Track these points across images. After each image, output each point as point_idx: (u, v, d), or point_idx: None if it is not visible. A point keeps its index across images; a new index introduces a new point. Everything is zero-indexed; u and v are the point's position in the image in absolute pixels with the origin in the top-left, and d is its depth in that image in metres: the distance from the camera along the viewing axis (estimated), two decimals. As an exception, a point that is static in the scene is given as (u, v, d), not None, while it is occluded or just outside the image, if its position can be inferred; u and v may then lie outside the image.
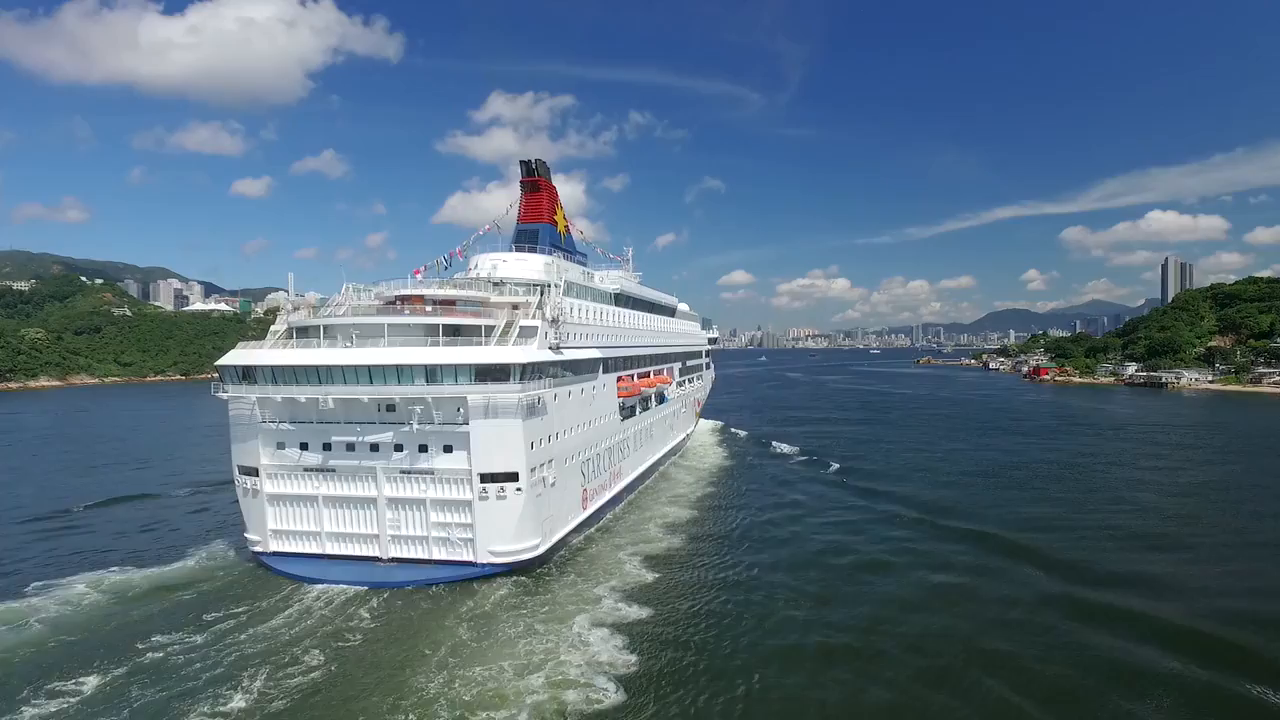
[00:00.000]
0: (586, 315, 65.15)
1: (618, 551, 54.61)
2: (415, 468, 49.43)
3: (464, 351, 48.36)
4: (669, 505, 69.61)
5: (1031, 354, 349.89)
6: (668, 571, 50.34)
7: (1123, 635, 40.14)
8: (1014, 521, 63.92)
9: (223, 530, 59.76)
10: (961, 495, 75.08)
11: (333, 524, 51.22)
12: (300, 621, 41.42)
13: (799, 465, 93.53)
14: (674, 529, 61.14)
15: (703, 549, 56.23)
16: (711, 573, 51.03)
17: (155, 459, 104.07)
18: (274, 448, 51.44)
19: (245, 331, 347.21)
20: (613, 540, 57.86)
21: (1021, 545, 56.87)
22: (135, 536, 60.27)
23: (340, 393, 48.31)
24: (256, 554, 51.95)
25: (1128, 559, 53.94)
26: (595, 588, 46.71)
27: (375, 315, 52.41)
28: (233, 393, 51.09)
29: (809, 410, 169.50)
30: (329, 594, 45.55)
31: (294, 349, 51.24)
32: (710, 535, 60.24)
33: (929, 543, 58.26)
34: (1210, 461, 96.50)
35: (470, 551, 49.03)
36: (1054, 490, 77.83)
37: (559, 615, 42.21)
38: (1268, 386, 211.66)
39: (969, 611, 43.99)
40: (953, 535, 60.25)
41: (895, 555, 55.02)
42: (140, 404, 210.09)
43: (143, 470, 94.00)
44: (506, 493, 48.47)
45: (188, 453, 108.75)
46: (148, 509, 70.56)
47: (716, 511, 68.37)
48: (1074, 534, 60.31)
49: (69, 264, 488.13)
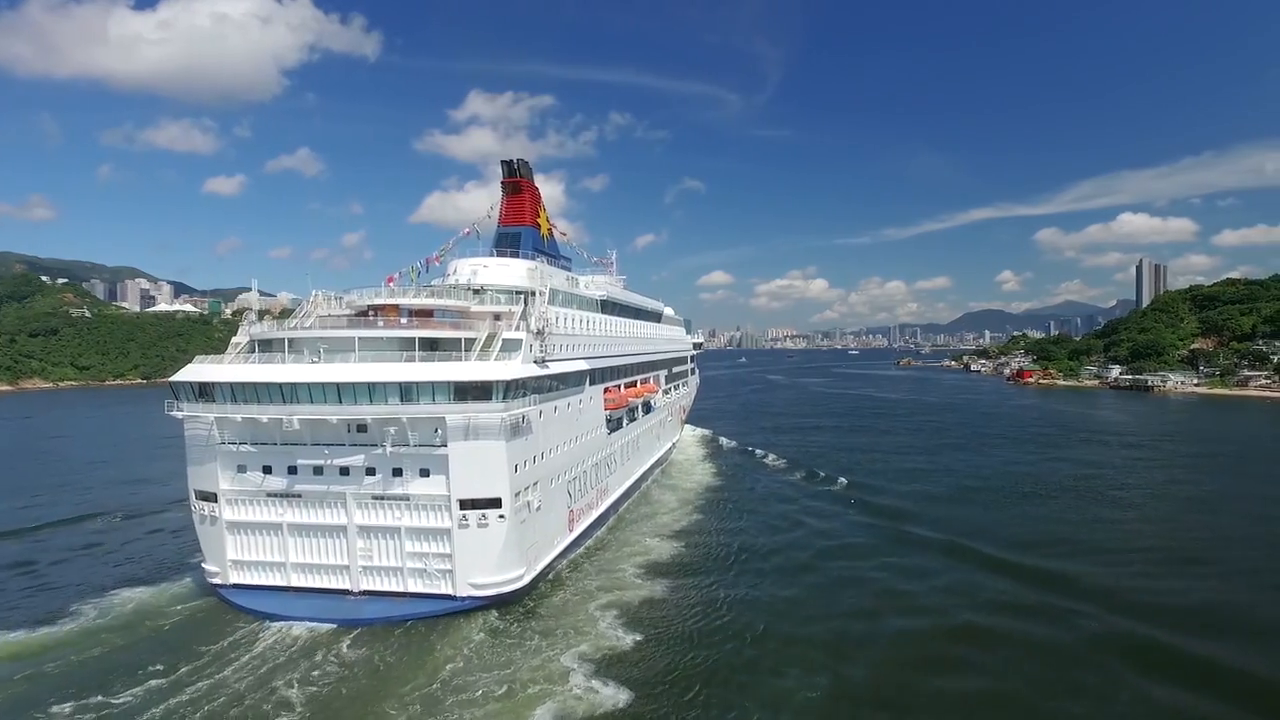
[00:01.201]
0: (572, 325, 61.62)
1: (607, 579, 51.24)
2: (389, 493, 45.66)
3: (442, 368, 44.70)
4: (658, 526, 66.07)
5: (1012, 356, 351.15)
6: (662, 601, 47.01)
7: (1194, 687, 36.18)
8: (1039, 545, 59.97)
9: (179, 558, 55.40)
10: (979, 515, 70.43)
11: (299, 554, 47.30)
12: (260, 666, 37.90)
13: (797, 481, 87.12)
14: (667, 552, 57.72)
15: (700, 576, 52.78)
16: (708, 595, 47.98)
17: (103, 474, 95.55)
18: (234, 471, 47.35)
19: (212, 333, 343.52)
20: (601, 565, 54.47)
21: (1055, 574, 52.68)
22: (77, 566, 55.41)
23: (306, 413, 44.37)
24: (215, 586, 47.86)
25: (1172, 587, 50.51)
26: (584, 621, 43.64)
27: (345, 328, 48.58)
28: (188, 411, 46.94)
29: (798, 417, 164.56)
30: (293, 634, 41.84)
31: (256, 364, 47.25)
32: (706, 559, 56.82)
33: (953, 573, 53.29)
34: (1225, 472, 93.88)
35: (449, 584, 45.43)
36: (1074, 508, 73.34)
37: (546, 654, 39.28)
38: (1254, 390, 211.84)
39: (1014, 663, 39.07)
40: (978, 563, 55.53)
41: (915, 587, 50.32)
42: (93, 410, 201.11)
43: (88, 488, 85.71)
44: (488, 520, 44.87)
45: (140, 467, 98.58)
46: (91, 533, 64.48)
47: (709, 534, 64.70)
48: (1107, 558, 56.48)
49: (33, 263, 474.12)
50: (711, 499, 78.04)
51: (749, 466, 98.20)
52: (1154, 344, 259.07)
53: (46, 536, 63.83)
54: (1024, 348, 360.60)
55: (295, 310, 55.85)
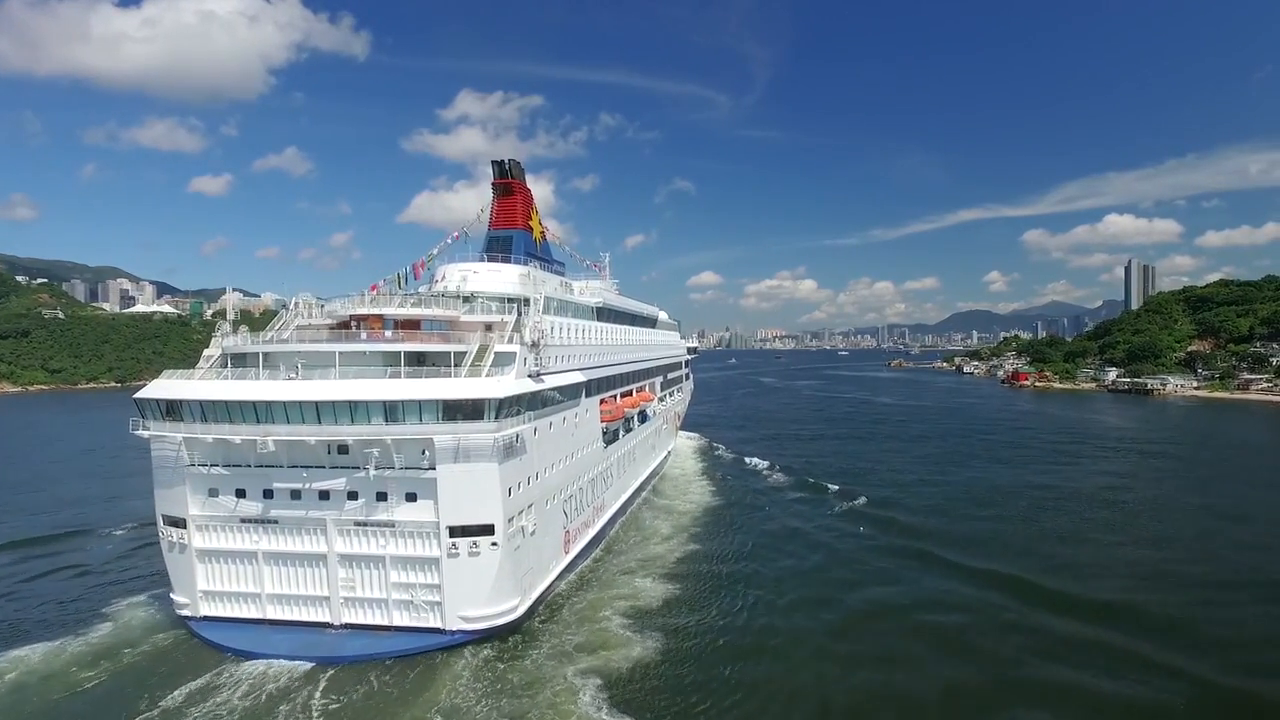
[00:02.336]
0: (568, 334, 58.43)
1: (605, 609, 47.82)
2: (372, 519, 42.36)
3: (429, 385, 41.42)
4: (660, 544, 62.95)
5: (1005, 357, 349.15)
6: (667, 628, 44.02)
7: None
8: (1097, 572, 54.95)
9: (144, 584, 51.42)
10: (1018, 539, 64.06)
11: (275, 584, 43.92)
12: (233, 713, 34.72)
13: (806, 500, 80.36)
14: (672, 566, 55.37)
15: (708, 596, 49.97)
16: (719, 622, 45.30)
17: (63, 489, 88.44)
18: (204, 495, 43.87)
19: (190, 335, 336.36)
20: (598, 593, 51.16)
21: (1123, 608, 47.63)
22: (31, 596, 51.34)
23: (283, 433, 40.98)
24: (184, 619, 44.38)
25: (1242, 619, 46.32)
26: (583, 654, 40.83)
27: (324, 341, 45.14)
28: (154, 431, 43.42)
29: (795, 424, 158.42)
30: (269, 674, 38.57)
31: (228, 380, 43.74)
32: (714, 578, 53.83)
33: (1007, 611, 47.51)
34: (1261, 485, 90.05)
35: (438, 617, 42.20)
36: (1116, 529, 67.55)
37: (545, 692, 36.48)
38: (1255, 394, 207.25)
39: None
40: (1036, 599, 49.44)
41: (968, 627, 45.19)
42: (59, 416, 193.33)
43: (43, 506, 79.28)
44: (480, 548, 41.66)
45: (105, 482, 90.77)
46: (50, 556, 59.85)
47: (714, 555, 61.57)
48: (1170, 586, 51.93)
49: (12, 263, 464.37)
50: (715, 511, 74.53)
51: (750, 482, 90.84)
52: (1150, 346, 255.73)
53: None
54: (1016, 349, 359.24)
55: (273, 320, 52.34)
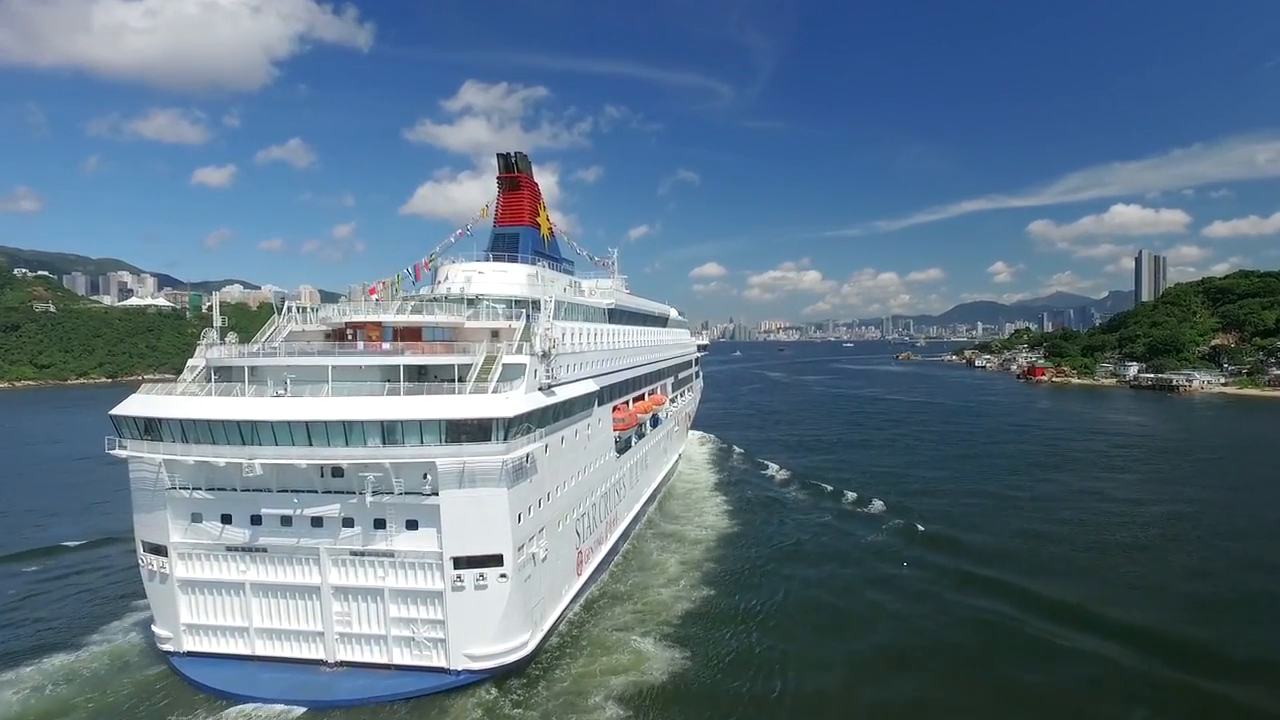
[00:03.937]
0: (580, 339, 54.62)
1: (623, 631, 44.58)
2: (370, 548, 38.75)
3: (432, 403, 37.64)
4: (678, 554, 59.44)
5: (1018, 351, 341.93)
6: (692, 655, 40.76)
7: None
8: (1186, 603, 50.10)
9: (128, 614, 47.38)
10: (1096, 567, 57.38)
11: (264, 618, 40.36)
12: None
13: (842, 516, 73.30)
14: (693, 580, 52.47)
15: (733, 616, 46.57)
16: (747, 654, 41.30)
17: (37, 500, 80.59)
18: (187, 521, 40.28)
19: (184, 329, 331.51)
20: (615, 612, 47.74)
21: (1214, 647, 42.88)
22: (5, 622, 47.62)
23: (270, 455, 37.31)
24: (167, 654, 40.87)
25: None
26: (600, 690, 37.60)
27: (316, 354, 41.36)
28: (132, 451, 39.79)
29: (809, 426, 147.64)
30: (257, 718, 35.05)
31: (211, 397, 40.04)
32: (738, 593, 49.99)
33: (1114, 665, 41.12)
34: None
35: (442, 655, 38.65)
36: (1201, 553, 60.93)
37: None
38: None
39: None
40: (1140, 645, 43.23)
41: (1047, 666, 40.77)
42: (42, 415, 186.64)
43: (12, 521, 72.02)
44: (487, 580, 38.05)
45: (85, 492, 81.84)
46: (19, 579, 55.06)
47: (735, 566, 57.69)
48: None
49: (13, 255, 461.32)
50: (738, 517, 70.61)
51: (772, 497, 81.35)
52: (1172, 340, 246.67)
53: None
54: (1028, 341, 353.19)
55: (264, 326, 48.63)
